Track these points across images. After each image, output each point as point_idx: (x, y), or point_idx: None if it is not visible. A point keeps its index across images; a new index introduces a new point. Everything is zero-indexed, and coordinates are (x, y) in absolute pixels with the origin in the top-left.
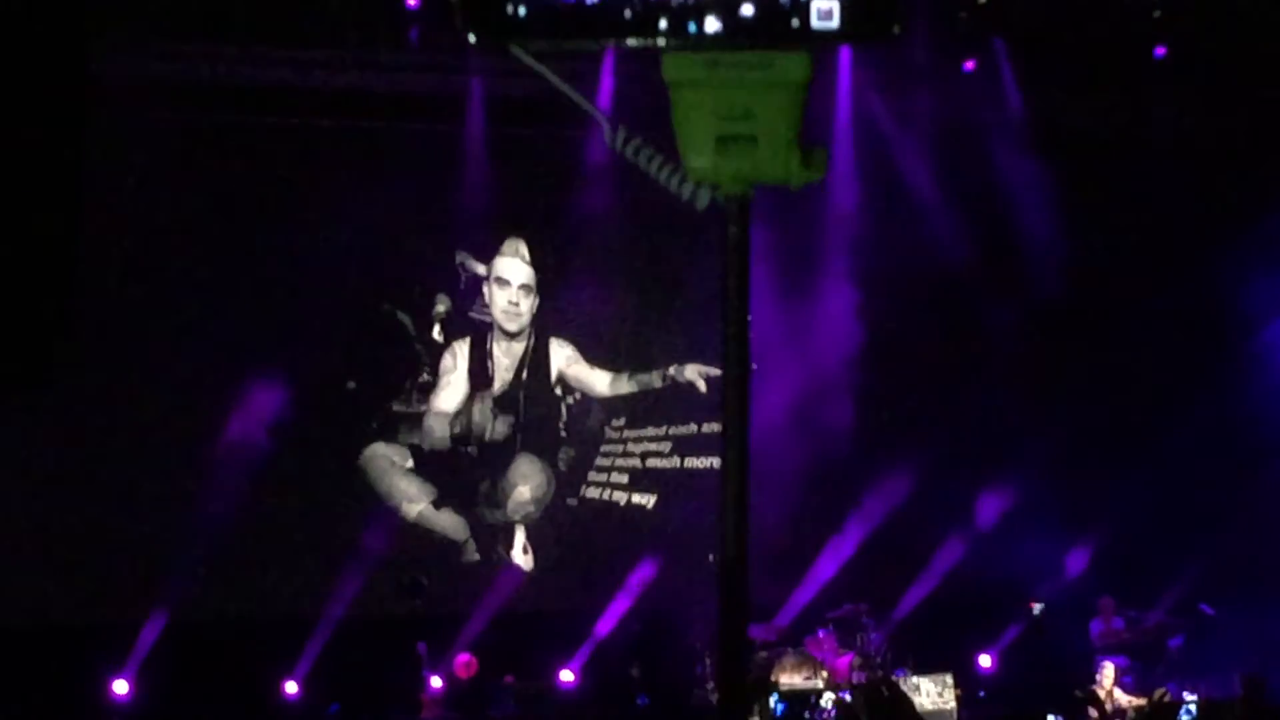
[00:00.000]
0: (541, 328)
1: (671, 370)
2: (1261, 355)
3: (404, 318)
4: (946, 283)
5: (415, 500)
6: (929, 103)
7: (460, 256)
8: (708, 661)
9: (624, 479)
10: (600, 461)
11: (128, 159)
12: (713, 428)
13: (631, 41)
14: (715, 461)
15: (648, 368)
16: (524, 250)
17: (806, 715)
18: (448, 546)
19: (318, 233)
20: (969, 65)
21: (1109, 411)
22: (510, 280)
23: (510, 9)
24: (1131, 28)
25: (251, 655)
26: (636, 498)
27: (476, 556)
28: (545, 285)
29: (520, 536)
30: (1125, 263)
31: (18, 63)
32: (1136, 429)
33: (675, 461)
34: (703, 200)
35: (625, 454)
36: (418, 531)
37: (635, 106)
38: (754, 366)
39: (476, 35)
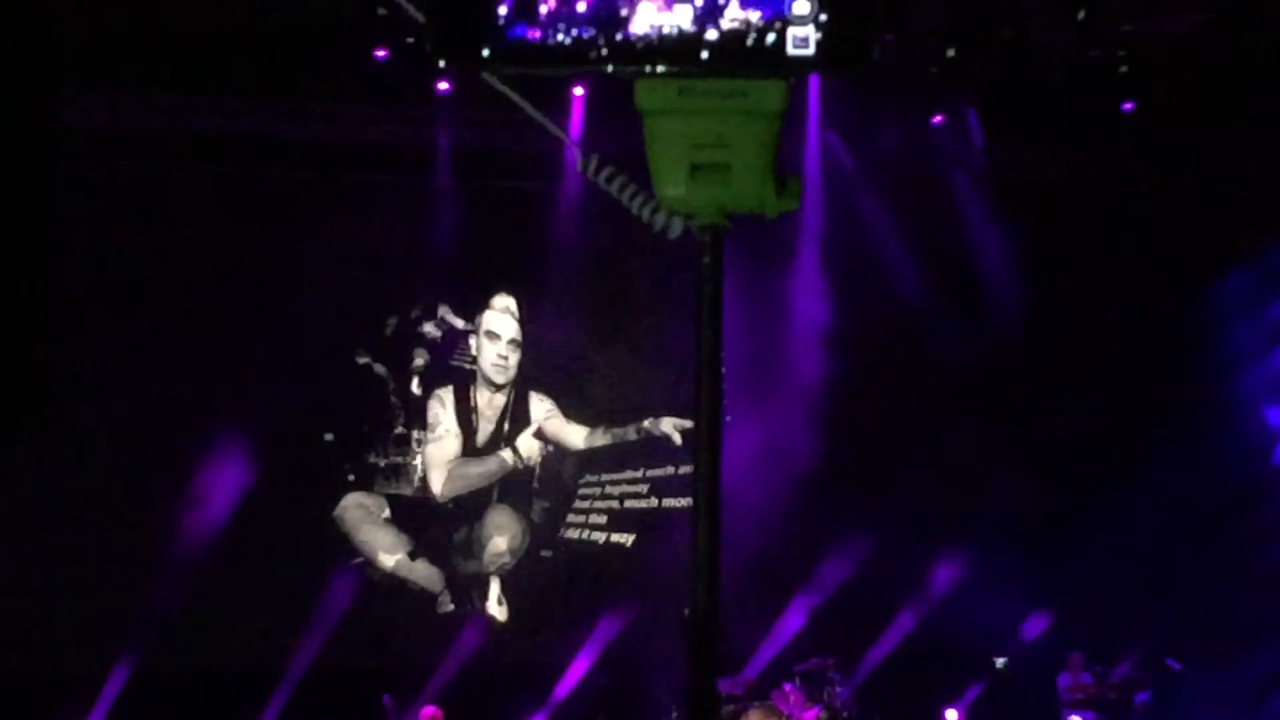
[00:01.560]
0: (522, 380)
1: (646, 424)
2: (1227, 408)
3: (380, 370)
4: (908, 333)
5: (391, 551)
6: (896, 152)
7: (441, 310)
8: (675, 714)
9: (602, 520)
10: (578, 504)
11: (92, 209)
12: (690, 469)
13: (605, 68)
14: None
15: (623, 421)
16: (513, 307)
17: None
18: (421, 598)
19: (290, 284)
20: (937, 119)
21: (1078, 463)
22: (500, 335)
23: (479, 48)
24: (1099, 82)
25: (218, 707)
26: (615, 537)
27: (451, 607)
28: (526, 339)
29: (495, 588)
30: (1090, 317)
31: None
32: (1103, 482)
33: (653, 502)
34: (676, 229)
35: (604, 496)
36: (391, 583)
37: (604, 142)
38: (727, 419)
39: (447, 60)
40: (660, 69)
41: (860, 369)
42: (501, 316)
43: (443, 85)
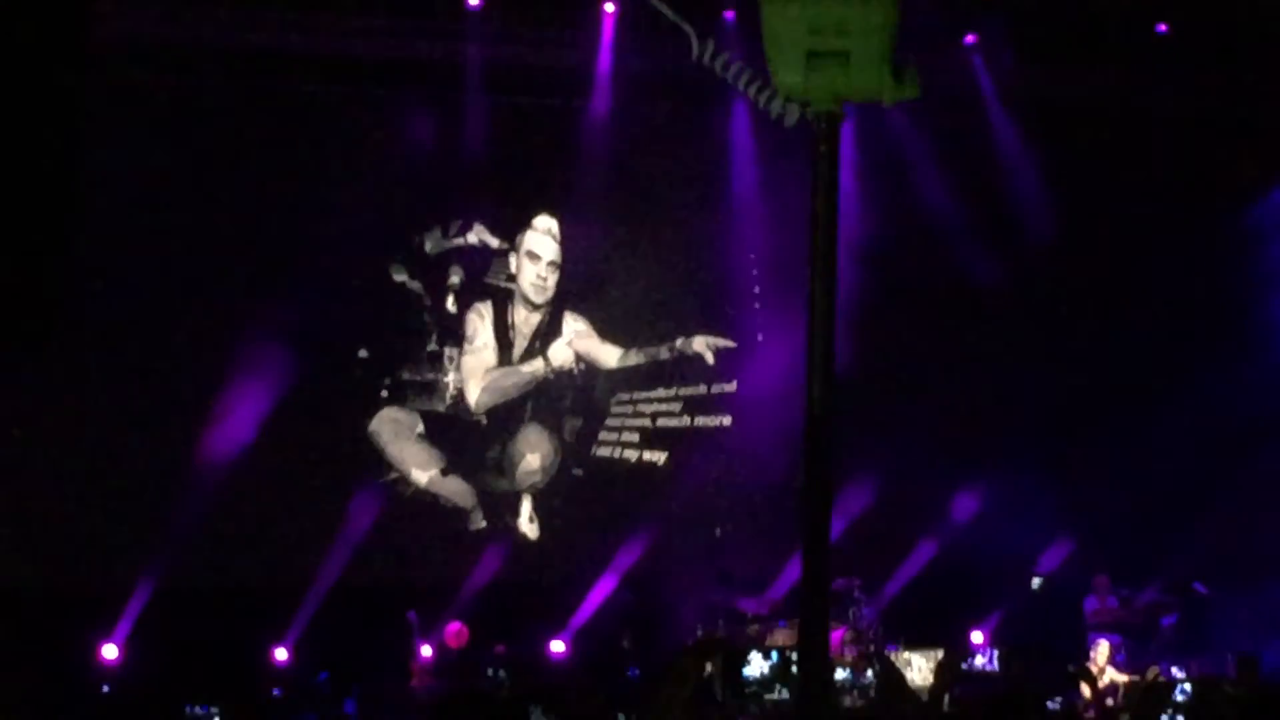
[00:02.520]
0: (559, 298)
1: (679, 342)
2: (1259, 333)
3: (415, 286)
4: (937, 253)
5: (424, 467)
6: (928, 69)
7: (477, 228)
8: (700, 633)
9: (634, 438)
10: (610, 422)
11: (126, 122)
12: (722, 388)
13: None
14: (725, 420)
15: (656, 340)
16: (555, 229)
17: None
18: (453, 514)
19: (324, 200)
20: (970, 39)
21: (1108, 389)
22: (541, 255)
23: None
24: (1132, 4)
25: (243, 622)
26: (647, 455)
27: (483, 524)
28: (564, 260)
29: (526, 505)
30: (1121, 239)
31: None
32: (1135, 407)
33: (685, 421)
34: (792, 117)
35: (636, 414)
36: (423, 499)
37: (630, 74)
38: (759, 337)
39: None
40: None
41: (889, 288)
42: (543, 238)
43: (473, 0)
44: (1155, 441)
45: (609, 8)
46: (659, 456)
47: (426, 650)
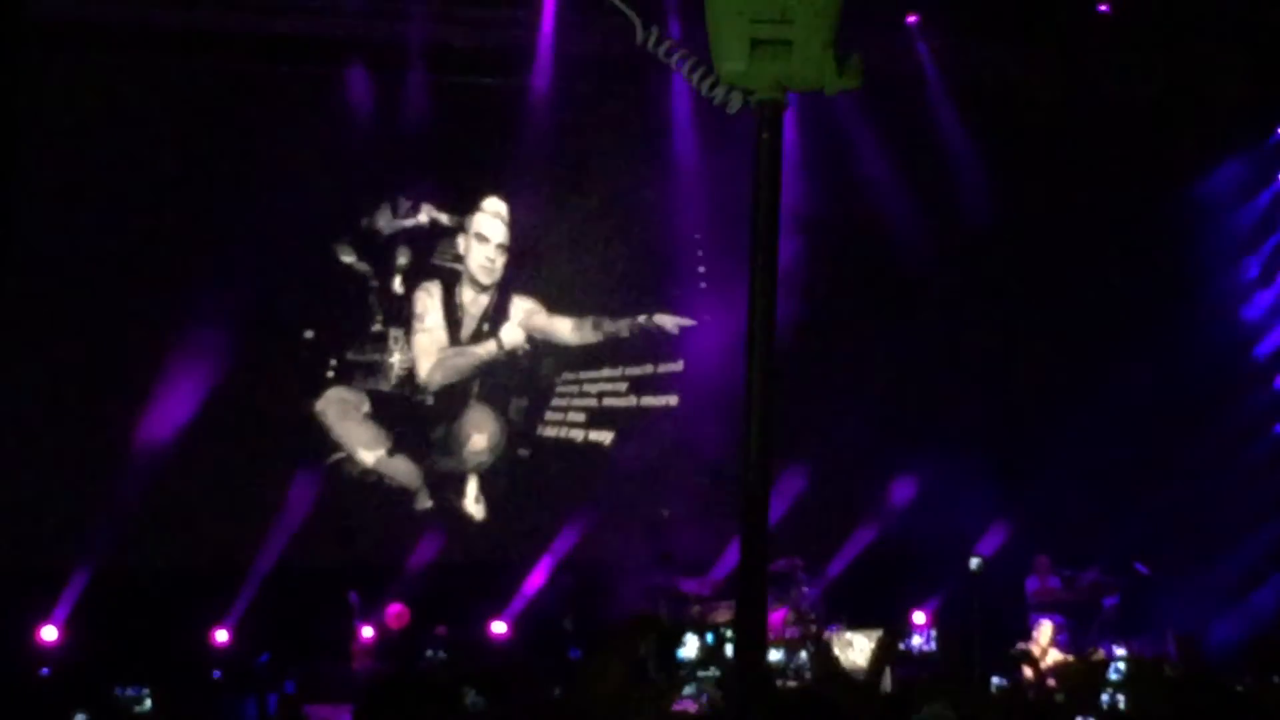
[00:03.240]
0: (506, 281)
1: (640, 319)
2: (1201, 312)
3: (362, 267)
4: (881, 235)
5: (371, 446)
6: (869, 48)
7: (424, 208)
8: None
9: (581, 418)
10: (556, 402)
11: (59, 102)
12: (669, 367)
13: None
14: (672, 400)
15: (606, 317)
16: (504, 211)
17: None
18: (399, 495)
19: (267, 180)
20: (912, 19)
21: (1046, 368)
22: (490, 238)
23: None
24: None
25: (183, 604)
26: (593, 435)
27: (429, 504)
28: (511, 241)
29: (473, 485)
30: (1061, 220)
31: None
32: (1073, 386)
33: (632, 401)
34: (735, 104)
35: (582, 394)
36: (368, 479)
37: (572, 53)
38: (705, 317)
39: None
40: None
41: (828, 269)
42: (492, 220)
43: None
44: (1096, 422)
45: None
46: (605, 436)
47: (368, 631)
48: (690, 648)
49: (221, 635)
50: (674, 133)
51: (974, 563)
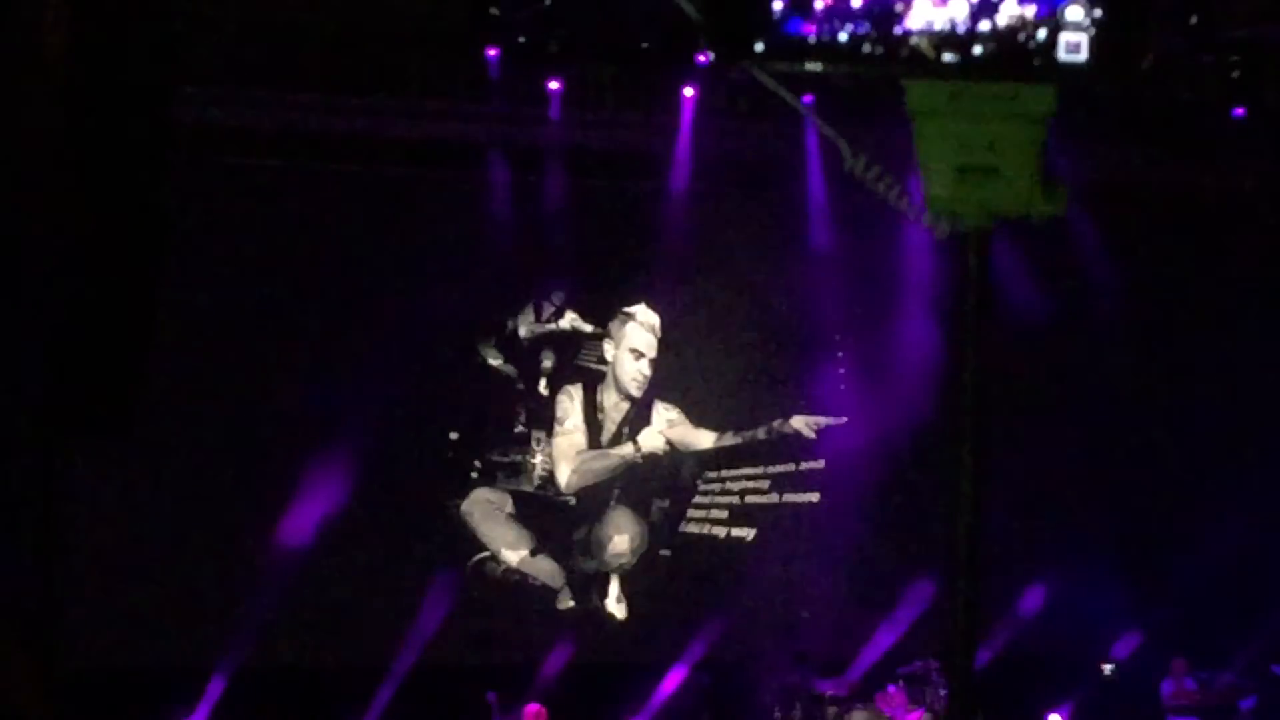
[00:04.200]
0: (650, 388)
1: (776, 423)
2: None
3: (507, 369)
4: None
5: (515, 546)
6: None
7: (568, 313)
8: (778, 715)
9: (723, 515)
10: (698, 500)
11: (206, 207)
12: (812, 465)
13: (877, 68)
14: (814, 497)
15: (752, 424)
16: (656, 323)
17: None
18: (540, 594)
19: (411, 282)
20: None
21: (1178, 469)
22: (644, 353)
23: (754, 43)
24: (1211, 88)
25: (324, 704)
26: (735, 532)
27: (571, 603)
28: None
29: (615, 585)
30: (1191, 322)
31: (106, 108)
32: (1205, 486)
33: (774, 498)
34: (942, 230)
35: (724, 492)
36: (510, 579)
37: (709, 155)
38: (844, 419)
39: (722, 57)
40: (932, 68)
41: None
42: (646, 334)
43: (554, 84)
44: (1231, 522)
45: (688, 92)
46: (746, 534)
47: None
48: None
49: None
50: (811, 233)
51: (1107, 668)
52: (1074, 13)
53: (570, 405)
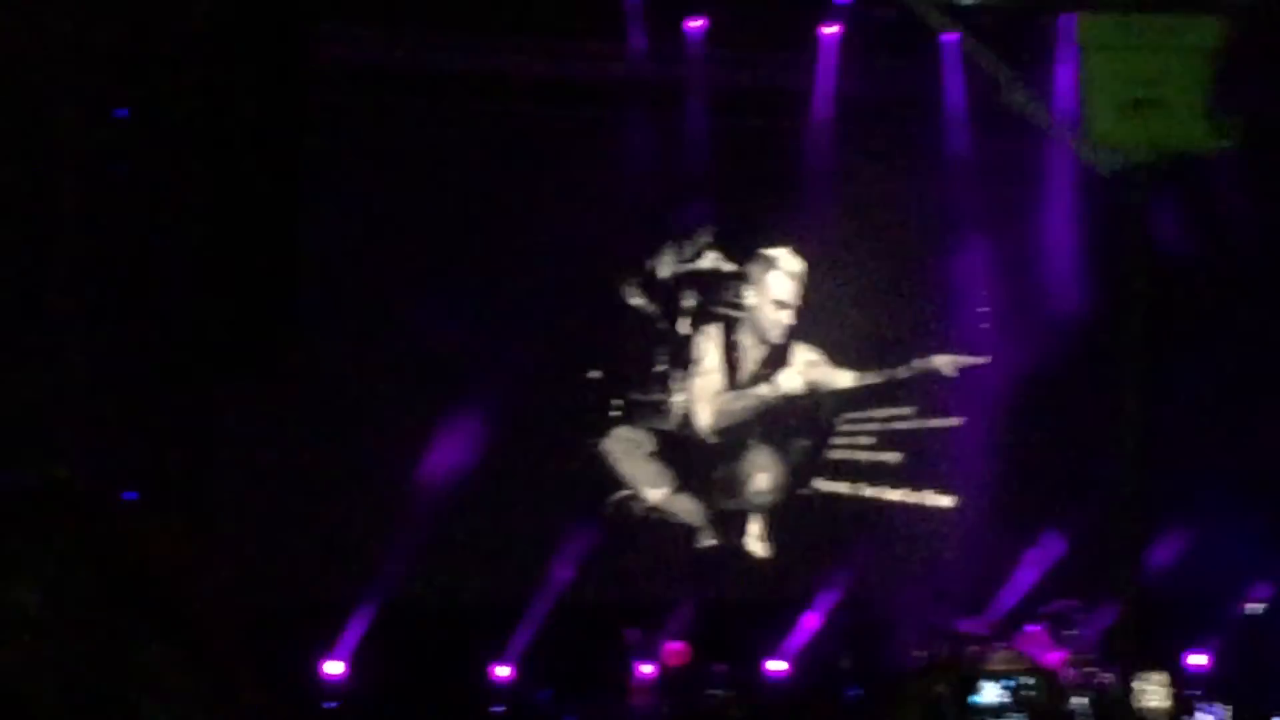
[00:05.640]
0: (790, 332)
1: (917, 362)
2: None
3: (648, 308)
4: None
5: (656, 484)
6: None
7: (710, 253)
8: (918, 654)
9: (863, 455)
10: (838, 439)
11: (351, 150)
12: (945, 421)
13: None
14: (959, 421)
15: (893, 364)
16: (798, 269)
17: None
18: (681, 533)
19: (550, 222)
20: None
21: None
22: (786, 300)
23: None
24: None
25: (464, 640)
26: (875, 470)
27: (712, 541)
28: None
29: (755, 524)
30: None
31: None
32: None
33: (915, 436)
34: (1108, 165)
35: (864, 430)
36: (651, 518)
37: (849, 93)
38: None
39: None
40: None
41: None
42: (788, 281)
43: (695, 22)
44: None
45: (829, 29)
46: (886, 472)
47: (647, 668)
48: (988, 693)
49: (503, 671)
50: (951, 174)
51: (1255, 607)
52: None
53: (708, 346)
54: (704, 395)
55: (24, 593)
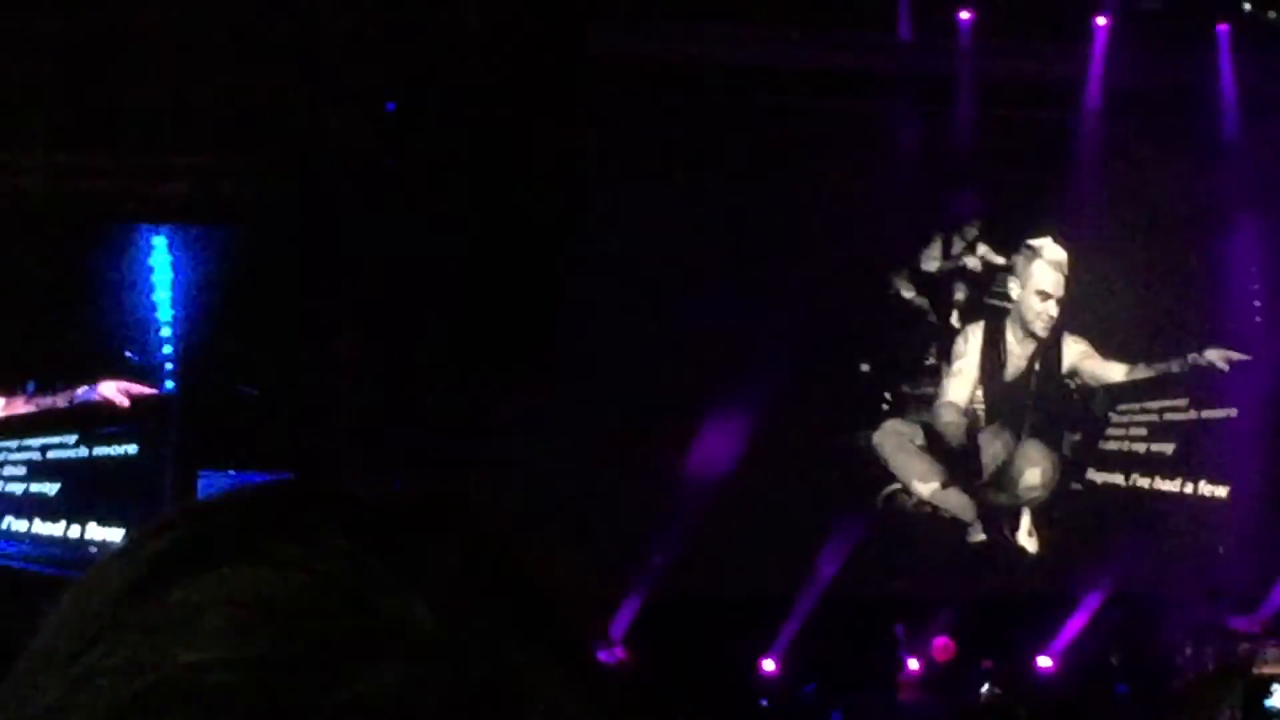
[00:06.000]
0: (1058, 324)
1: (1190, 356)
2: None
3: (919, 301)
4: None
5: (926, 479)
6: None
7: (980, 247)
8: (1188, 652)
9: (1136, 447)
10: (1112, 432)
11: (622, 141)
12: (1225, 412)
13: None
14: (1233, 412)
15: (1164, 356)
16: (1064, 260)
17: None
18: (950, 527)
19: (820, 214)
20: None
21: None
22: (1051, 292)
23: None
24: None
25: (732, 632)
26: (1148, 463)
27: (982, 537)
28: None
29: (1026, 519)
30: None
31: (520, 42)
32: None
33: (1193, 415)
34: None
35: (1137, 424)
36: (921, 511)
37: (1120, 85)
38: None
39: None
40: None
41: None
42: (1054, 273)
43: (965, 15)
44: None
45: (1100, 21)
46: (1159, 466)
47: (914, 663)
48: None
49: (769, 664)
50: (1224, 167)
51: None
52: None
53: (965, 347)
54: (972, 388)
55: (418, 606)
